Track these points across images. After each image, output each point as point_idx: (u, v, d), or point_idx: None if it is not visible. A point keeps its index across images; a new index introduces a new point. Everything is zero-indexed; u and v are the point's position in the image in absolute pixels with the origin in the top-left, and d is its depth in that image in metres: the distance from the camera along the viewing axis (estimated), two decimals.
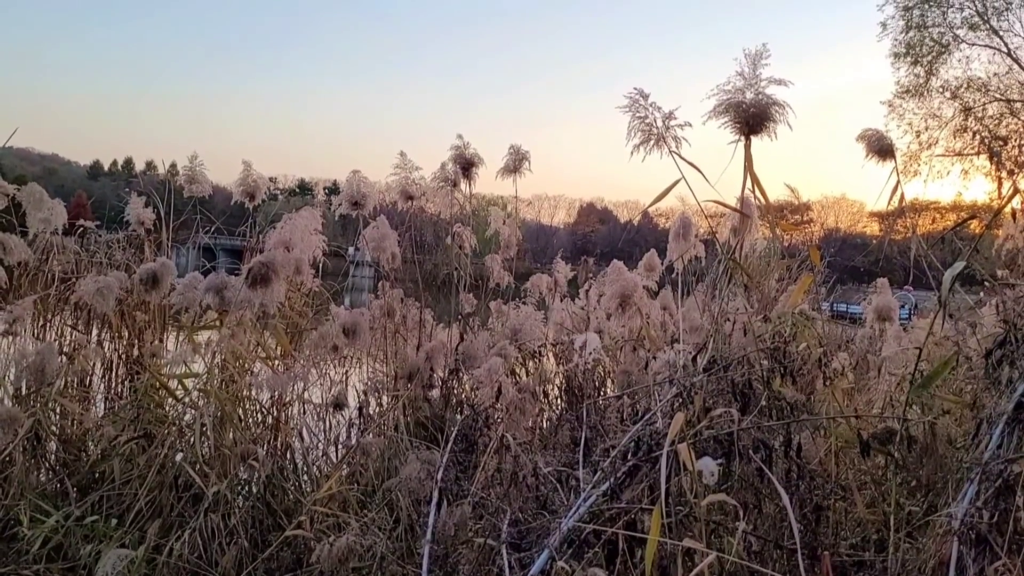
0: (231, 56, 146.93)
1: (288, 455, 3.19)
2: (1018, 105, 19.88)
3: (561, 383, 4.05)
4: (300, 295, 3.59)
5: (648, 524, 1.56)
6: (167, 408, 3.09)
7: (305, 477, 3.16)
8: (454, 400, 3.71)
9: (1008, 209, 2.47)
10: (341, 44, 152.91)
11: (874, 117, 25.79)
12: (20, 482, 2.64)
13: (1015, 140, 20.00)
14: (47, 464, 3.04)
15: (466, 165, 3.90)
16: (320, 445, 3.37)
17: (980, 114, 20.24)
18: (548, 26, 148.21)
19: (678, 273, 3.22)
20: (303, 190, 68.55)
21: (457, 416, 3.35)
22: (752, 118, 2.19)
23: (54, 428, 3.10)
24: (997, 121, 20.28)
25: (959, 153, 20.47)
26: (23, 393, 2.99)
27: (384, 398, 3.66)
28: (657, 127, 2.20)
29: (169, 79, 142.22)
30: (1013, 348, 1.85)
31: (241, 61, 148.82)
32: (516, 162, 3.88)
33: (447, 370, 3.75)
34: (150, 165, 52.79)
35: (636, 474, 1.82)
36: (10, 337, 3.14)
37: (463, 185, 3.98)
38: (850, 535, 2.13)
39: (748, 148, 2.24)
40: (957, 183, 20.74)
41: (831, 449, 2.23)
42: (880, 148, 2.48)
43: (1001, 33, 19.56)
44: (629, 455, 1.87)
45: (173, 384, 3.10)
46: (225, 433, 2.82)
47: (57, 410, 3.10)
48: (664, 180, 2.20)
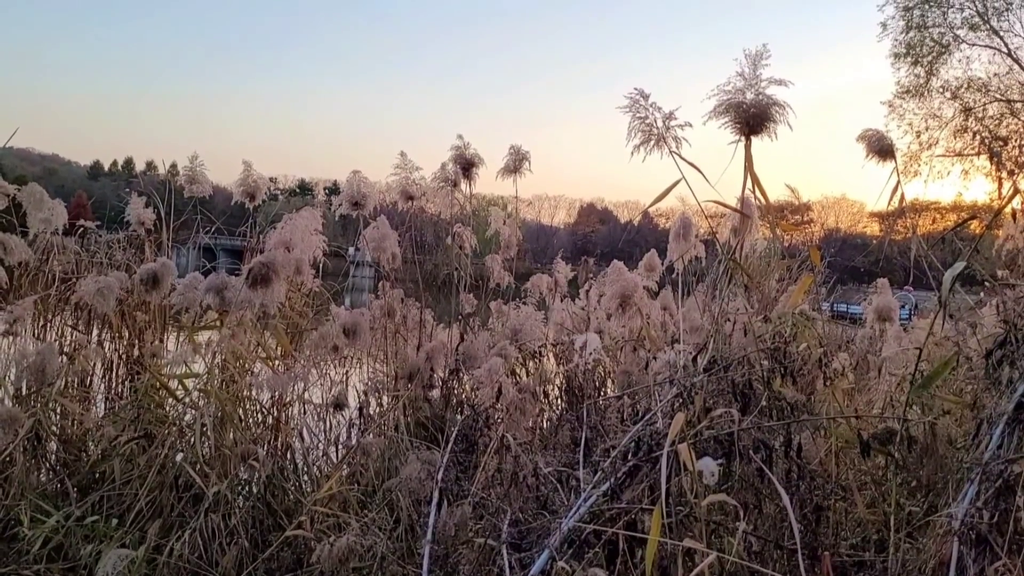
0: (231, 56, 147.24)
1: (288, 455, 3.19)
2: (1018, 105, 19.88)
3: (561, 383, 4.05)
4: (300, 295, 3.59)
5: (648, 524, 1.57)
6: (167, 408, 3.09)
7: (305, 477, 3.16)
8: (454, 400, 3.71)
9: (1008, 209, 2.47)
10: (341, 44, 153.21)
11: (874, 117, 25.81)
12: (21, 482, 2.65)
13: (1015, 140, 19.99)
14: (47, 464, 3.04)
15: (466, 165, 3.90)
16: (320, 445, 3.37)
17: (980, 114, 20.24)
18: (548, 26, 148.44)
19: (678, 273, 3.21)
20: (303, 190, 68.54)
21: (457, 416, 3.35)
22: (752, 118, 2.19)
23: (54, 428, 3.10)
24: (997, 121, 20.27)
25: (959, 153, 20.47)
26: (24, 393, 3.00)
27: (384, 398, 3.66)
28: (657, 127, 2.20)
29: (169, 79, 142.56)
30: (1013, 348, 1.85)
31: (241, 61, 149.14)
32: (516, 162, 3.89)
33: (447, 370, 3.75)
34: (150, 165, 52.97)
35: (636, 474, 1.83)
36: (11, 337, 3.14)
37: (463, 185, 3.98)
38: (850, 535, 2.13)
39: (748, 148, 2.24)
40: (957, 183, 20.77)
41: (831, 449, 2.23)
42: (880, 148, 2.48)
43: (1001, 33, 19.58)
44: (629, 455, 1.87)
45: (173, 384, 3.11)
46: (225, 433, 2.82)
47: (57, 410, 3.11)
48: (664, 180, 2.20)
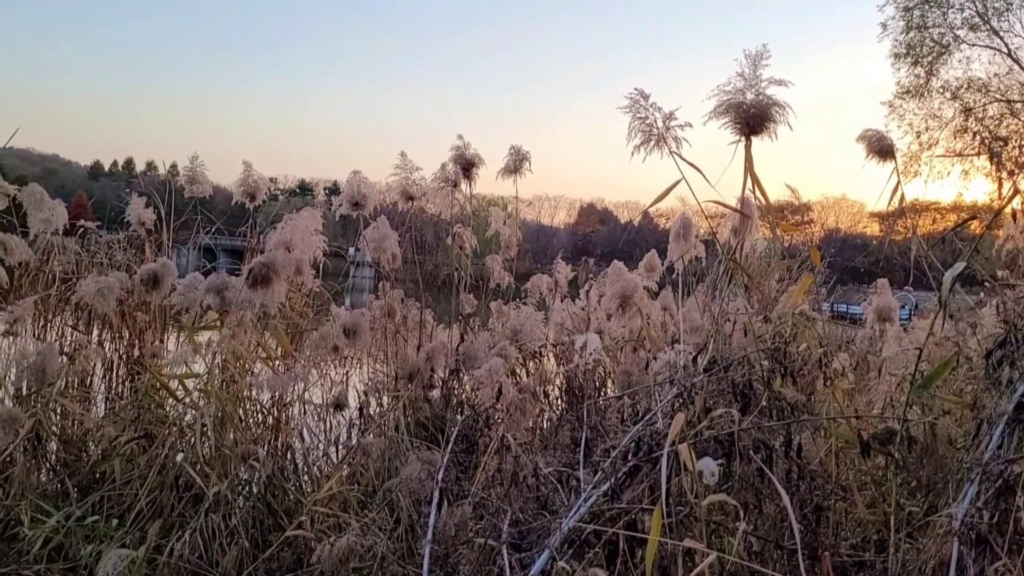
0: (231, 56, 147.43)
1: (289, 455, 3.20)
2: (1018, 106, 19.87)
3: (561, 383, 4.05)
4: (301, 295, 3.60)
5: (648, 524, 1.57)
6: (168, 408, 3.09)
7: (306, 477, 3.16)
8: (454, 400, 3.71)
9: (1008, 210, 2.47)
10: (341, 44, 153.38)
11: (874, 117, 25.81)
12: (21, 482, 2.64)
13: (1015, 141, 19.99)
14: (48, 464, 3.04)
15: (466, 165, 3.90)
16: (321, 445, 3.37)
17: (980, 115, 20.24)
18: (548, 27, 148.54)
19: (678, 273, 3.21)
20: (303, 190, 68.55)
21: (458, 416, 3.35)
22: (752, 119, 2.20)
23: (55, 428, 3.10)
24: (997, 122, 20.27)
25: (959, 154, 20.47)
26: (24, 393, 3.00)
27: (384, 398, 3.66)
28: (657, 127, 2.20)
29: (169, 79, 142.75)
30: (1013, 348, 1.85)
31: (241, 61, 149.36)
32: (516, 162, 3.89)
33: (447, 370, 3.75)
34: (150, 165, 53.01)
35: (637, 474, 1.83)
36: (11, 337, 3.14)
37: (463, 185, 3.98)
38: (850, 535, 2.13)
39: (748, 148, 2.24)
40: (957, 184, 20.76)
41: (831, 449, 2.23)
42: (880, 148, 2.47)
43: (1001, 34, 19.58)
44: (630, 455, 1.87)
45: (174, 384, 3.11)
46: (226, 433, 2.82)
47: (58, 410, 3.11)
48: (664, 181, 2.21)
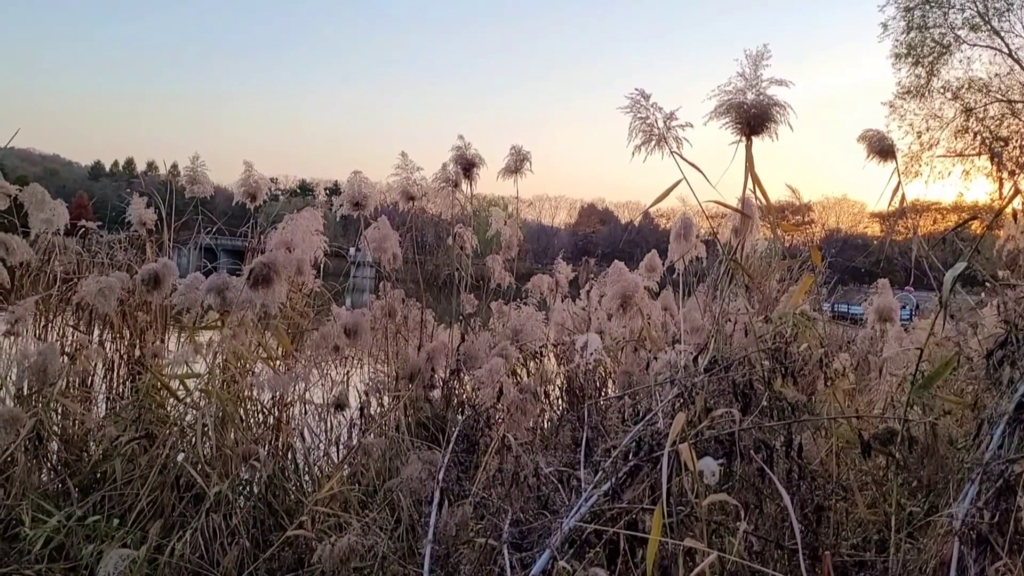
0: (231, 56, 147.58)
1: (289, 455, 3.20)
2: (1019, 106, 19.87)
3: (562, 383, 4.05)
4: (301, 295, 3.60)
5: (649, 524, 1.57)
6: (169, 408, 3.10)
7: (306, 477, 3.16)
8: (455, 400, 3.71)
9: (1009, 210, 2.47)
10: (341, 45, 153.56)
11: (875, 118, 25.82)
12: (22, 482, 2.65)
13: (1016, 141, 19.99)
14: (49, 464, 3.04)
15: (467, 166, 3.90)
16: (321, 445, 3.37)
17: (981, 115, 20.24)
18: (548, 27, 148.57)
19: (679, 274, 3.22)
20: (304, 191, 68.50)
21: (458, 416, 3.35)
22: (753, 119, 2.20)
23: (56, 428, 3.10)
24: (998, 122, 20.27)
25: (960, 154, 20.46)
26: (25, 393, 3.00)
27: (385, 398, 3.67)
28: (658, 128, 2.20)
29: (169, 79, 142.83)
30: (1014, 348, 1.85)
31: (241, 61, 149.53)
32: (517, 163, 3.89)
33: (448, 370, 3.75)
34: (151, 166, 52.98)
35: (637, 474, 1.83)
36: (12, 337, 3.15)
37: (464, 186, 3.98)
38: (851, 535, 2.13)
39: (749, 149, 2.24)
40: (958, 184, 20.76)
41: (832, 449, 2.24)
42: (881, 149, 2.47)
43: (1002, 34, 19.58)
44: (630, 455, 1.87)
45: (175, 384, 3.11)
46: (227, 433, 2.83)
47: (59, 410, 3.11)
48: (665, 181, 2.21)
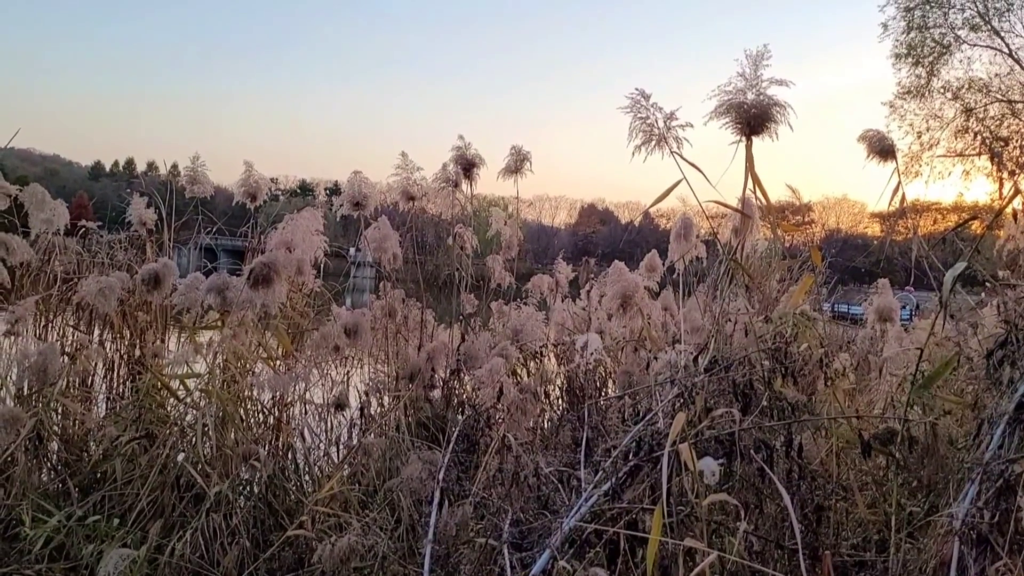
0: (231, 56, 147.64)
1: (290, 455, 3.20)
2: (1019, 106, 19.86)
3: (562, 383, 4.05)
4: (302, 295, 3.60)
5: (649, 524, 1.57)
6: (169, 408, 3.10)
7: (307, 477, 3.16)
8: (455, 400, 3.71)
9: (1009, 210, 2.47)
10: (341, 45, 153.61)
11: (875, 118, 25.80)
12: (22, 482, 2.65)
13: (1016, 141, 19.98)
14: (49, 464, 3.04)
15: (467, 166, 3.90)
16: (321, 445, 3.37)
17: (981, 115, 20.23)
18: (548, 27, 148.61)
19: (679, 274, 3.22)
20: (304, 191, 68.54)
21: (458, 416, 3.35)
22: (753, 119, 2.20)
23: (56, 428, 3.10)
24: (998, 122, 20.26)
25: (960, 154, 20.45)
26: (25, 393, 3.00)
27: (385, 398, 3.67)
28: (658, 128, 2.20)
29: (169, 79, 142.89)
30: (1014, 348, 1.85)
31: (241, 61, 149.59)
32: (517, 163, 3.89)
33: (448, 370, 3.76)
34: (151, 166, 53.04)
35: (637, 474, 1.83)
36: (12, 337, 3.15)
37: (464, 186, 3.98)
38: (851, 535, 2.13)
39: (749, 149, 2.24)
40: (958, 184, 20.74)
41: (832, 449, 2.24)
42: (881, 149, 2.47)
43: (1002, 34, 19.57)
44: (630, 455, 1.87)
45: (175, 384, 3.11)
46: (227, 433, 2.83)
47: (59, 410, 3.11)
48: (665, 181, 2.21)
